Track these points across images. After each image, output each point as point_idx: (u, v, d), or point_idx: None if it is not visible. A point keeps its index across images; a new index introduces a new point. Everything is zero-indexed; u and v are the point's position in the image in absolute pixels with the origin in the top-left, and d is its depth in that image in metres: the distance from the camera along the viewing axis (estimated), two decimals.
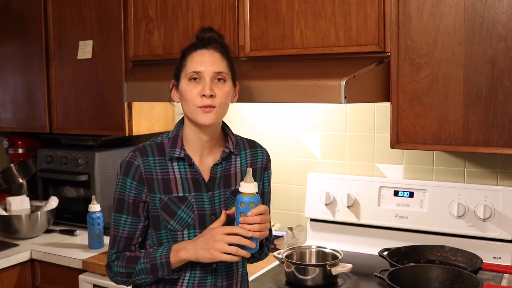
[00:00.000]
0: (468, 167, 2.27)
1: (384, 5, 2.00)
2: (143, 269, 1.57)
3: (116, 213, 1.63)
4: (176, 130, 1.66)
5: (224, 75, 1.59)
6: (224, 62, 1.61)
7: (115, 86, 2.68)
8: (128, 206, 1.61)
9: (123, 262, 1.61)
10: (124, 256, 1.62)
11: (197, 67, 1.58)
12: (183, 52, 1.65)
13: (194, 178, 1.61)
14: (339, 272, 2.03)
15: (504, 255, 2.15)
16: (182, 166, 1.61)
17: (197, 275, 1.60)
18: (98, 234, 2.57)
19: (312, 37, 2.13)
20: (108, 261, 1.66)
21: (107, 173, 2.90)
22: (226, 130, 1.70)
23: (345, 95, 1.87)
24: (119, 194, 1.62)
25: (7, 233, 2.76)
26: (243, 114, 2.72)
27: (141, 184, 1.59)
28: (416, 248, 2.18)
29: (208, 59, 1.58)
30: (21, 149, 3.25)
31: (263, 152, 1.75)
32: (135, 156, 1.61)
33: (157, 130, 2.86)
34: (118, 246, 1.63)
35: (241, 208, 1.48)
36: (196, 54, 1.60)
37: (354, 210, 2.41)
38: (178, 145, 1.62)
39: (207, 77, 1.57)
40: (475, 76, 1.88)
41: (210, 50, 1.60)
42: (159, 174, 1.60)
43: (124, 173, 1.61)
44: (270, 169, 1.76)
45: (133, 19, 2.58)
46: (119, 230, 1.63)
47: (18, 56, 3.02)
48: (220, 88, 1.58)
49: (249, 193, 1.48)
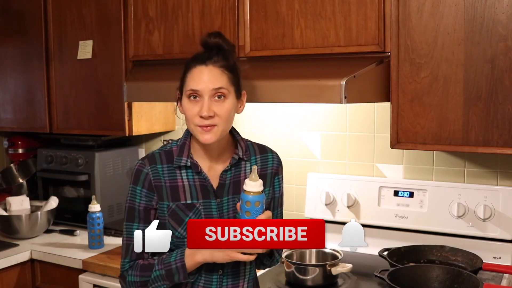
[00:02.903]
0: (468, 167, 2.27)
1: (384, 5, 2.00)
2: (158, 276, 1.54)
3: (128, 222, 1.61)
4: (184, 138, 1.65)
5: (224, 91, 1.56)
6: (224, 76, 1.57)
7: (115, 86, 2.68)
8: (139, 214, 1.60)
9: (137, 271, 1.58)
10: (137, 264, 1.59)
11: (195, 85, 1.55)
12: (186, 64, 1.62)
13: (202, 185, 1.60)
14: (339, 272, 2.03)
15: (504, 255, 2.15)
16: (190, 173, 1.61)
17: (202, 279, 1.59)
18: (98, 234, 2.57)
19: (312, 37, 2.13)
20: (121, 271, 1.62)
21: (107, 173, 2.90)
22: (235, 135, 1.68)
23: (345, 95, 1.87)
24: (129, 202, 1.61)
25: (7, 233, 2.76)
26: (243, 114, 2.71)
27: (150, 191, 1.59)
28: (416, 248, 2.18)
29: (206, 77, 1.55)
30: (21, 149, 3.25)
31: (274, 157, 1.72)
32: (144, 164, 1.61)
33: (157, 130, 2.86)
34: (131, 255, 1.60)
35: (247, 207, 1.46)
36: (195, 71, 1.57)
37: (354, 210, 2.41)
38: (185, 153, 1.61)
39: (206, 95, 1.54)
40: (475, 76, 1.88)
41: (209, 66, 1.57)
42: (167, 181, 1.59)
43: (134, 182, 1.61)
44: (281, 173, 1.74)
45: (133, 19, 2.58)
46: (131, 238, 1.59)
47: (18, 56, 3.02)
48: (220, 106, 1.55)
49: (254, 191, 1.46)
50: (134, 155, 3.05)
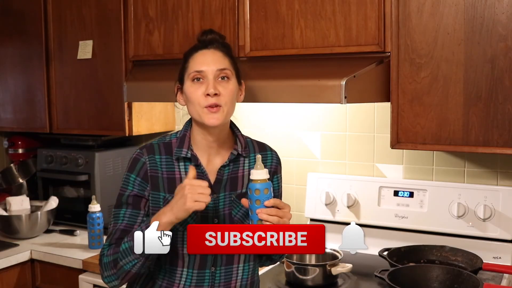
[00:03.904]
0: (468, 167, 2.27)
1: (384, 5, 2.00)
2: (127, 248, 1.48)
3: (116, 208, 1.60)
4: (184, 130, 1.65)
5: (227, 72, 1.58)
6: (227, 59, 1.60)
7: (115, 86, 2.68)
8: (127, 200, 1.58)
9: (110, 250, 1.54)
10: (112, 246, 1.56)
11: (199, 67, 1.57)
12: (185, 55, 1.64)
13: (199, 179, 1.59)
14: (339, 272, 2.03)
15: (504, 255, 2.15)
16: (188, 166, 1.60)
17: (194, 278, 1.59)
18: (98, 234, 2.57)
19: (312, 37, 2.13)
20: (100, 255, 1.58)
21: (107, 173, 2.90)
22: (235, 131, 1.68)
23: (345, 95, 1.87)
24: (121, 190, 1.61)
25: (7, 233, 2.76)
26: (243, 114, 2.72)
27: (145, 181, 1.59)
28: (416, 248, 2.18)
29: (210, 58, 1.58)
30: (21, 149, 3.25)
31: (273, 155, 1.73)
32: (142, 153, 1.61)
33: (157, 130, 2.86)
34: (112, 237, 1.57)
35: (256, 196, 1.45)
36: (198, 55, 1.60)
37: (354, 210, 2.41)
38: (186, 145, 1.61)
39: (210, 76, 1.56)
40: (475, 76, 1.88)
41: (211, 49, 1.60)
42: (164, 173, 1.59)
43: (129, 169, 1.61)
44: (280, 172, 1.75)
45: (133, 19, 2.58)
46: (118, 223, 1.58)
47: (18, 56, 3.02)
48: (224, 87, 1.57)
49: (261, 179, 1.46)
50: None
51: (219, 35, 1.65)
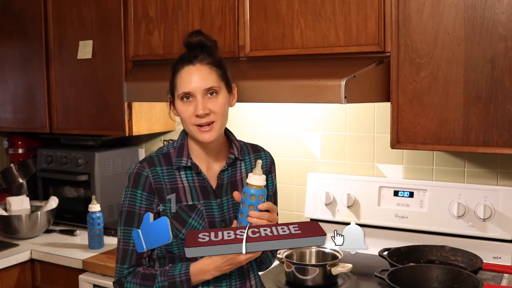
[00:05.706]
0: (468, 167, 2.27)
1: (384, 5, 2.00)
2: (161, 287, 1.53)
3: (126, 226, 1.58)
4: (181, 139, 1.65)
5: (215, 89, 1.57)
6: (213, 74, 1.57)
7: (115, 86, 2.68)
8: (139, 218, 1.57)
9: (137, 279, 1.56)
10: (138, 272, 1.56)
11: (187, 88, 1.56)
12: (173, 67, 1.62)
13: (202, 186, 1.61)
14: (339, 272, 2.03)
15: (504, 255, 2.15)
16: (189, 174, 1.61)
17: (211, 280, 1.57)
18: (98, 234, 2.57)
19: (312, 37, 2.13)
20: (119, 277, 1.59)
21: (107, 173, 2.90)
22: (230, 136, 1.69)
23: (345, 95, 1.87)
24: (128, 206, 1.58)
25: (7, 233, 2.76)
26: (243, 114, 2.72)
27: (151, 194, 1.58)
28: (416, 248, 2.18)
29: (196, 77, 1.56)
30: (21, 149, 3.25)
31: (267, 155, 1.74)
32: (143, 167, 1.59)
33: (157, 130, 2.87)
34: (130, 260, 1.57)
35: (251, 201, 1.46)
36: (184, 73, 1.57)
37: (354, 210, 2.41)
38: (185, 154, 1.61)
39: (199, 96, 1.55)
40: (475, 76, 1.88)
41: (196, 65, 1.57)
42: (167, 183, 1.59)
43: (133, 185, 1.59)
44: (274, 172, 1.76)
45: (133, 19, 2.58)
46: (130, 243, 1.57)
47: (18, 56, 3.02)
48: (214, 102, 1.56)
49: (258, 185, 1.47)
50: (134, 155, 3.05)
51: (204, 37, 1.62)
